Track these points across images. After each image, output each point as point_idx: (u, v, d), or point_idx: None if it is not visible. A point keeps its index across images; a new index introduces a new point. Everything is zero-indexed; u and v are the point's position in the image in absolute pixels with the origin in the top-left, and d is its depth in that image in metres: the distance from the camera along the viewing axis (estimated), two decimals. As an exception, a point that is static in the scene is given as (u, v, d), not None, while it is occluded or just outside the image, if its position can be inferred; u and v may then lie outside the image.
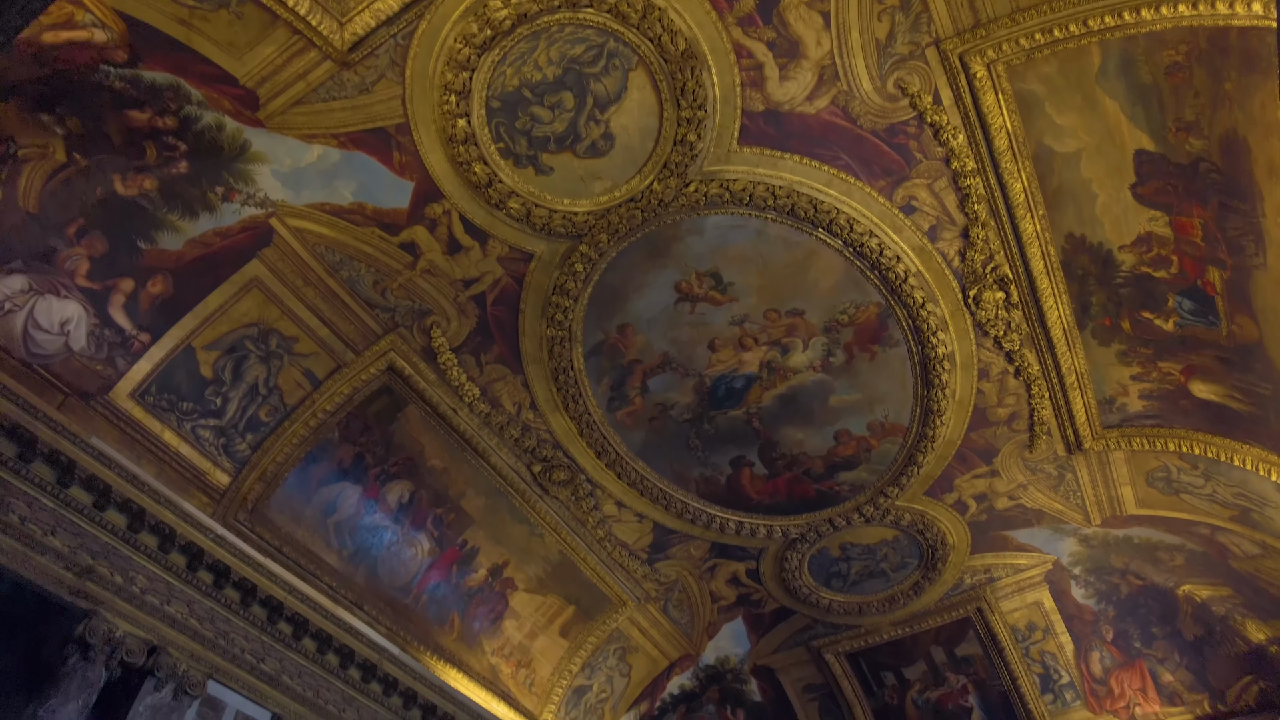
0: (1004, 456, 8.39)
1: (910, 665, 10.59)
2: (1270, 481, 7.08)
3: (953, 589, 9.94)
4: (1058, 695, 9.92)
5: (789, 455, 8.54)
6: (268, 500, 6.92)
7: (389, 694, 7.41)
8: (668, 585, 9.84)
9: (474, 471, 8.20)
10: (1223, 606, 9.00)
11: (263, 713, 6.34)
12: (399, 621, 8.00)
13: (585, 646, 9.77)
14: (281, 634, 6.62)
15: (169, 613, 5.85)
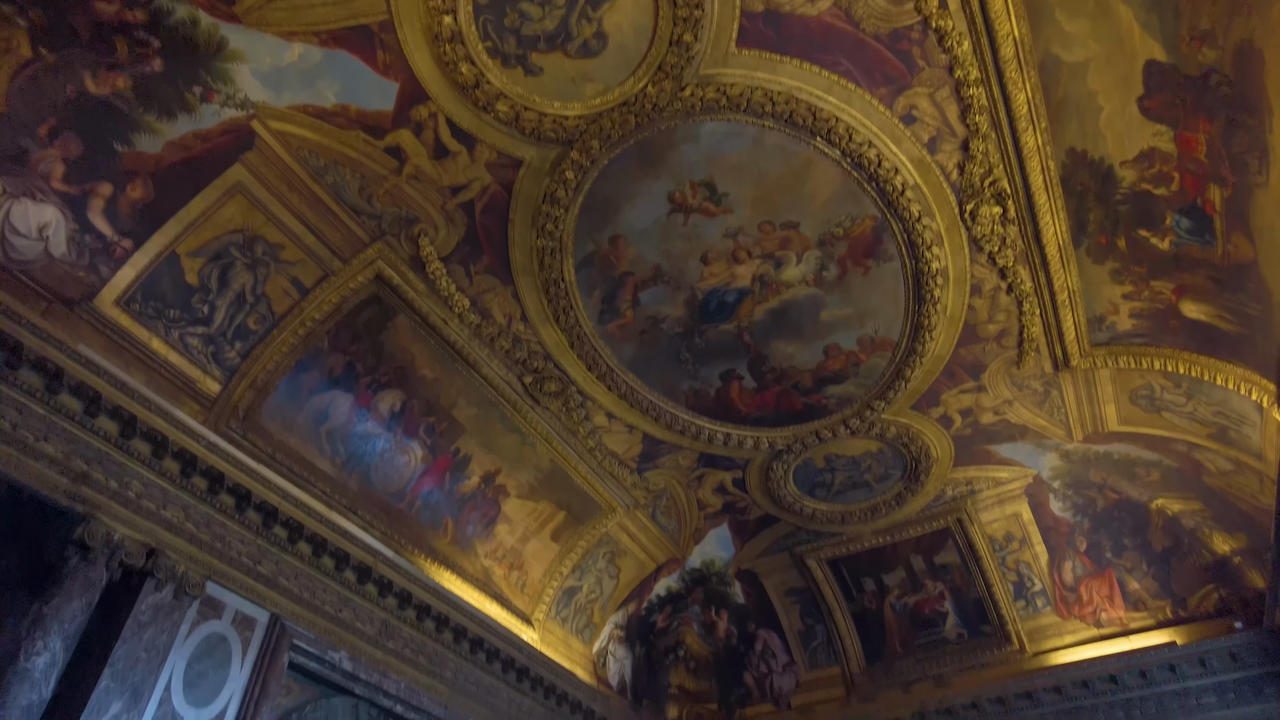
0: (991, 372, 8.47)
1: (889, 572, 10.98)
2: (1250, 401, 7.19)
3: (934, 500, 10.21)
4: (1029, 601, 10.34)
5: (778, 369, 8.60)
6: (259, 408, 6.96)
7: (384, 595, 7.64)
8: (656, 493, 10.07)
9: (465, 382, 8.24)
10: (1192, 520, 9.31)
11: (261, 612, 6.54)
12: (393, 526, 8.19)
13: (575, 550, 10.06)
14: (277, 538, 6.76)
15: (165, 517, 5.96)
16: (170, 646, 5.71)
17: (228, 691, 6.06)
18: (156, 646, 5.61)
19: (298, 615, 6.83)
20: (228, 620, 6.26)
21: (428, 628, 8.10)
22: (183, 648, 5.83)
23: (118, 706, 5.25)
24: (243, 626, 6.36)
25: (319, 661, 6.94)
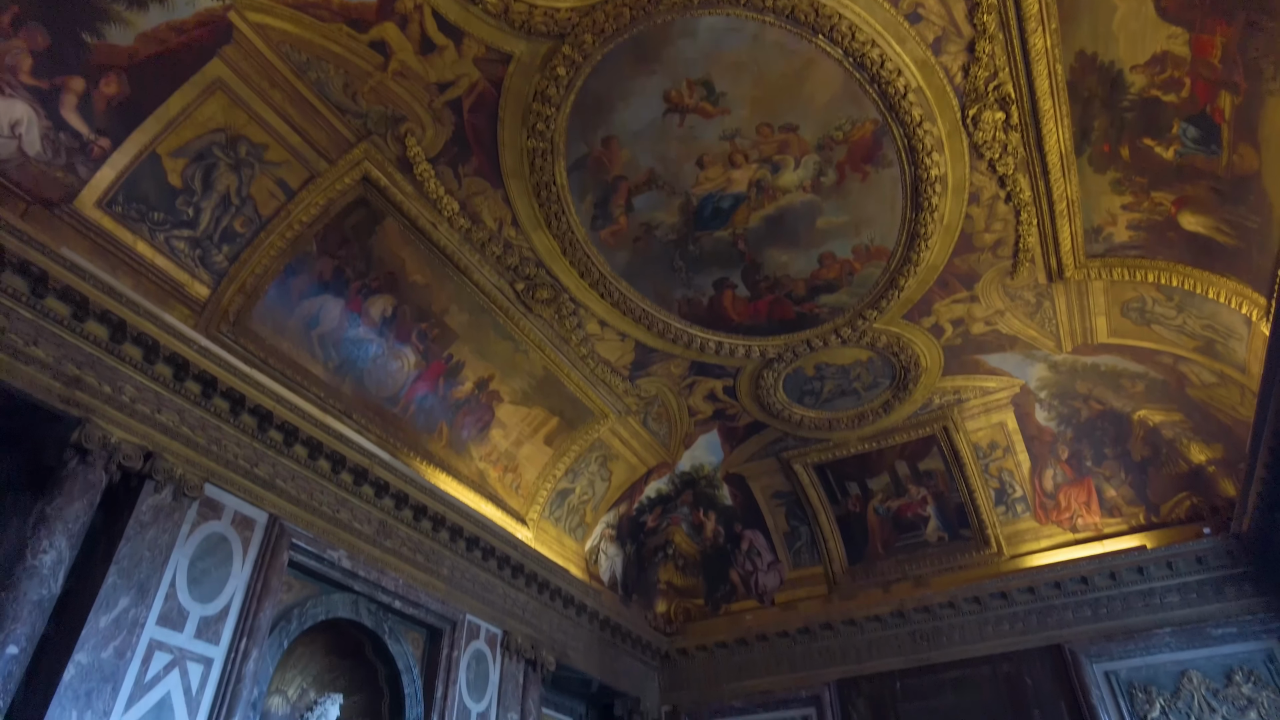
0: (985, 283, 8.45)
1: (874, 477, 11.26)
2: (1240, 314, 7.23)
3: (921, 408, 10.38)
4: (1009, 507, 10.67)
5: (772, 278, 8.55)
6: (249, 313, 6.91)
7: (381, 496, 7.81)
8: (648, 400, 10.19)
9: (457, 288, 8.18)
10: (1172, 431, 9.52)
11: (260, 513, 6.68)
12: (388, 430, 8.29)
13: (568, 454, 10.25)
14: (273, 441, 6.85)
15: (161, 421, 6.00)
16: (172, 546, 5.87)
17: (230, 588, 6.26)
18: (159, 546, 5.76)
19: (296, 516, 6.98)
20: (227, 521, 6.40)
21: (424, 527, 8.32)
22: (185, 547, 5.98)
23: (126, 601, 5.43)
24: (242, 527, 6.51)
25: (318, 560, 7.15)
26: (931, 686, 10.18)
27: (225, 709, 5.86)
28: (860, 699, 10.52)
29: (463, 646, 8.47)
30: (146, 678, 5.47)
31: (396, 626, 8.01)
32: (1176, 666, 8.88)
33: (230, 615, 6.19)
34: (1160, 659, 8.98)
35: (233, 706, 5.91)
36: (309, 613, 7.18)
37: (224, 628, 6.11)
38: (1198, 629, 8.90)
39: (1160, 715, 8.74)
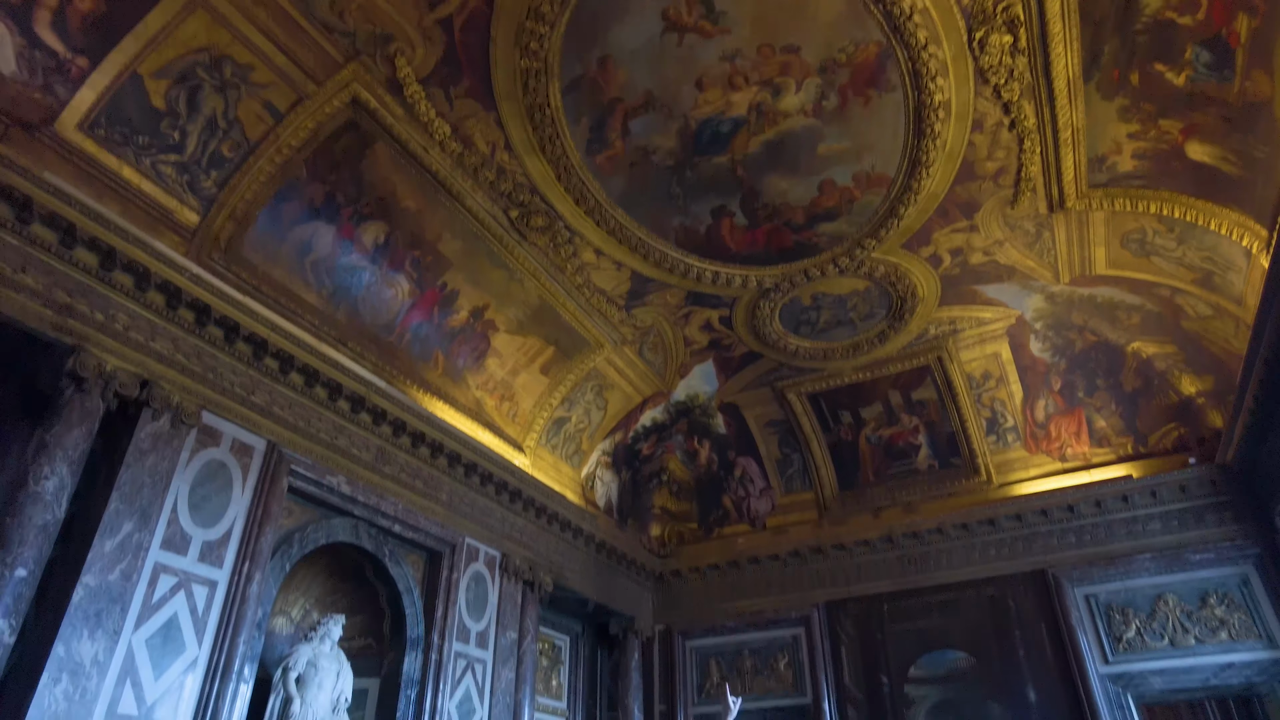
0: (985, 212, 8.35)
1: (867, 406, 11.36)
2: (1240, 246, 7.18)
3: (916, 338, 10.40)
4: (1000, 437, 10.81)
5: (771, 205, 8.43)
6: (241, 240, 6.81)
7: (378, 424, 7.87)
8: (643, 330, 10.18)
9: (449, 215, 8.05)
10: (1164, 363, 9.57)
11: (258, 440, 6.74)
12: (384, 358, 8.29)
13: (564, 383, 10.30)
14: (269, 369, 6.85)
15: (155, 349, 5.98)
16: (173, 472, 5.93)
17: (232, 513, 6.36)
18: (159, 472, 5.82)
19: (294, 443, 7.04)
20: (226, 448, 6.46)
21: (422, 454, 8.42)
22: (185, 473, 6.05)
23: (129, 526, 5.52)
24: (241, 454, 6.57)
25: (317, 485, 7.24)
26: (917, 608, 10.51)
27: (231, 629, 6.03)
28: (848, 620, 10.88)
29: (462, 568, 8.68)
30: (154, 599, 5.62)
31: (396, 549, 8.19)
32: (1154, 590, 9.17)
33: (232, 540, 6.31)
34: (1139, 583, 9.27)
35: (238, 627, 6.08)
36: (310, 537, 7.32)
37: (226, 552, 6.24)
38: (1176, 555, 9.16)
39: (1135, 636, 9.08)
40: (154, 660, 5.53)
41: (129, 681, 5.35)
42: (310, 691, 6.82)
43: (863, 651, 10.62)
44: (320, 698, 6.89)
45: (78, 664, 5.03)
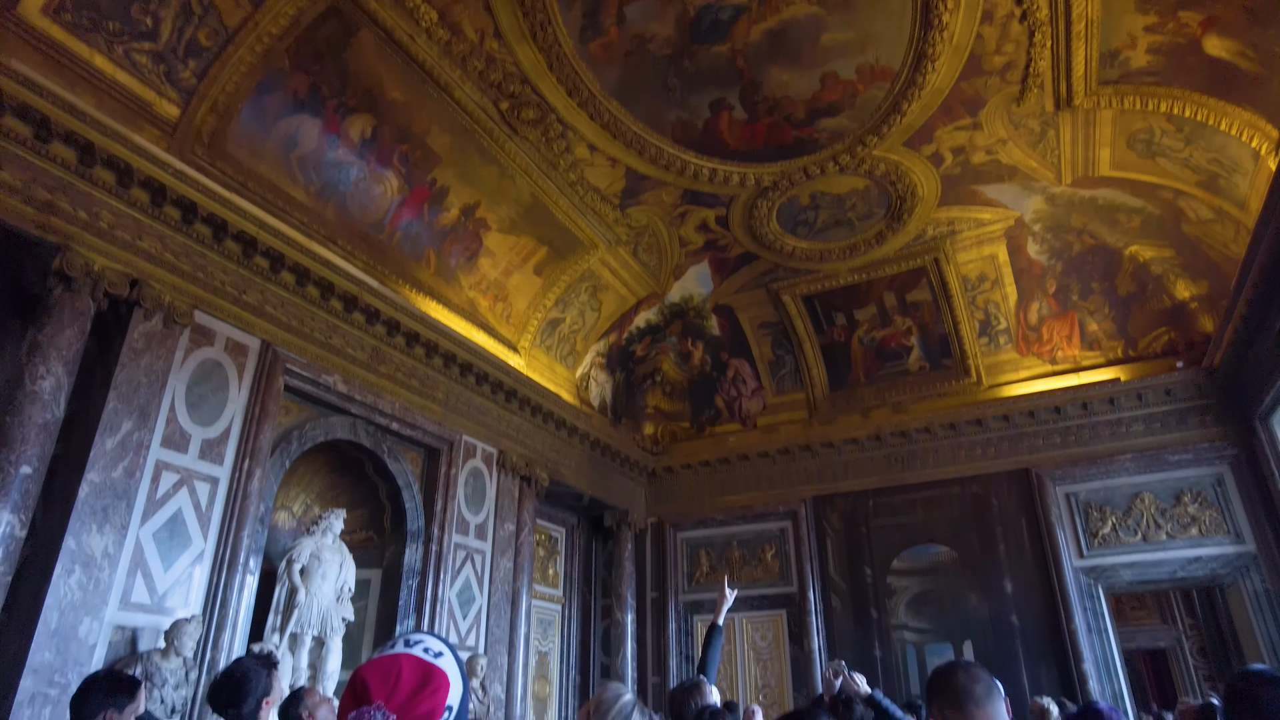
0: (990, 109, 8.12)
1: (861, 308, 11.35)
2: (1249, 148, 7.03)
3: (914, 240, 10.29)
4: (992, 339, 10.87)
5: (771, 99, 8.16)
6: (224, 134, 6.58)
7: (372, 323, 7.84)
8: (638, 230, 10.03)
9: (438, 107, 7.77)
10: (1161, 267, 9.54)
11: (252, 339, 6.72)
12: (375, 257, 8.18)
13: (558, 284, 10.23)
14: (259, 268, 6.75)
15: (143, 248, 5.87)
16: (168, 371, 5.94)
17: (229, 412, 6.42)
18: (155, 371, 5.83)
19: (288, 342, 7.03)
20: (220, 347, 6.45)
21: (417, 353, 8.43)
22: (180, 373, 6.06)
23: (129, 425, 5.57)
24: (236, 353, 6.57)
25: (314, 384, 7.29)
26: (903, 504, 10.85)
27: (234, 523, 6.20)
28: (834, 514, 11.24)
29: (460, 464, 8.86)
30: (158, 495, 5.74)
31: (395, 446, 8.33)
32: (1132, 489, 9.47)
33: (231, 437, 6.39)
34: (1118, 482, 9.56)
35: (241, 521, 6.24)
36: (308, 434, 7.43)
37: (226, 449, 6.33)
38: (1157, 455, 9.41)
39: (1111, 532, 9.44)
40: (162, 553, 5.70)
41: (140, 573, 5.53)
42: (314, 582, 7.08)
43: (847, 544, 11.03)
44: (324, 588, 7.15)
45: (89, 556, 5.18)
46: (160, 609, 5.60)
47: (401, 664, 1.29)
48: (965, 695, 1.98)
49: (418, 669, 1.29)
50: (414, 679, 1.28)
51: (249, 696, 2.82)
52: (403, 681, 1.27)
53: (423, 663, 1.30)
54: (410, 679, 1.27)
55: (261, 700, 2.86)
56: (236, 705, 2.81)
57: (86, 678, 3.13)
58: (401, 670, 1.28)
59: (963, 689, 1.99)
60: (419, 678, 1.28)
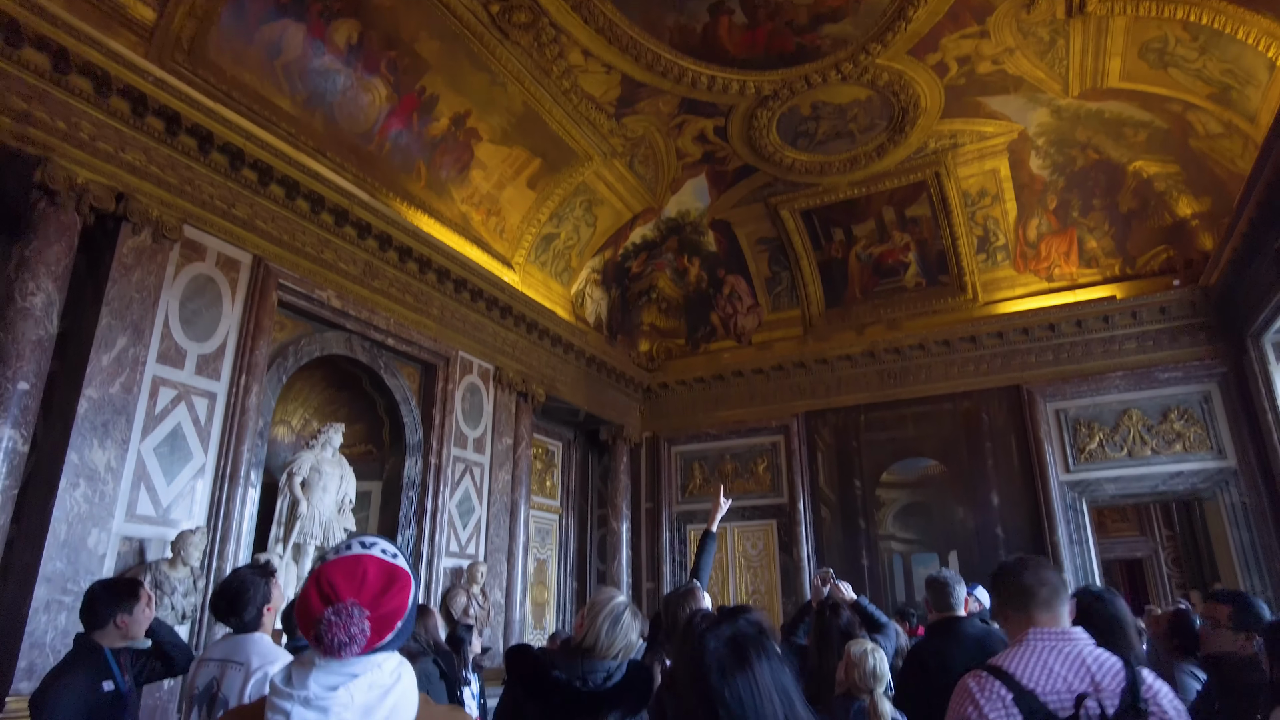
0: (998, 16, 7.82)
1: (860, 223, 11.22)
2: (1265, 58, 6.82)
3: (915, 153, 10.09)
4: (990, 255, 10.79)
5: (773, 3, 7.85)
6: (204, 40, 6.31)
7: (364, 237, 7.73)
8: (634, 141, 9.79)
9: (425, 10, 7.44)
10: (1164, 183, 9.39)
11: (243, 254, 6.63)
12: (365, 169, 8.01)
13: (552, 198, 10.05)
14: (247, 180, 6.60)
15: (126, 160, 5.71)
16: (160, 287, 5.88)
17: (224, 327, 6.40)
18: (146, 287, 5.78)
19: (280, 257, 6.95)
20: (211, 262, 6.38)
21: (410, 269, 8.36)
22: (172, 289, 6.01)
23: (123, 341, 5.56)
24: (227, 268, 6.50)
25: (307, 300, 7.24)
26: (893, 419, 11.01)
27: (234, 438, 6.26)
28: (826, 428, 11.41)
29: (457, 380, 8.92)
30: (156, 411, 5.78)
31: (391, 362, 8.36)
32: (1120, 405, 9.60)
33: (227, 353, 6.39)
34: (1107, 399, 9.68)
35: (240, 436, 6.31)
36: (304, 350, 7.43)
37: (222, 365, 6.34)
38: (1147, 373, 9.50)
39: (1097, 447, 9.62)
40: (164, 467, 5.78)
41: (143, 486, 5.62)
42: (315, 494, 7.21)
43: (838, 458, 11.24)
44: (325, 499, 7.30)
45: (93, 470, 5.25)
46: (165, 521, 5.72)
47: (366, 564, 1.33)
48: (1028, 595, 1.90)
49: (382, 569, 1.33)
50: (380, 578, 1.32)
51: (249, 605, 2.91)
52: (369, 580, 1.31)
53: (386, 563, 1.34)
54: (376, 578, 1.31)
55: (262, 608, 2.96)
56: (238, 613, 2.91)
57: (86, 591, 3.22)
58: (367, 570, 1.32)
59: (1028, 590, 1.90)
60: (384, 577, 1.32)
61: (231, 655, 2.83)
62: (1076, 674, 1.74)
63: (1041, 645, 1.81)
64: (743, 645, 1.29)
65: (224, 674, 2.78)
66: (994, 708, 1.72)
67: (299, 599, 1.32)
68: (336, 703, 1.24)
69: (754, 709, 1.21)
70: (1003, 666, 1.81)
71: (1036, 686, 1.72)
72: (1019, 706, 1.69)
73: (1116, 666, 1.75)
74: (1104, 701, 1.67)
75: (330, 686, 1.25)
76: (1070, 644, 1.81)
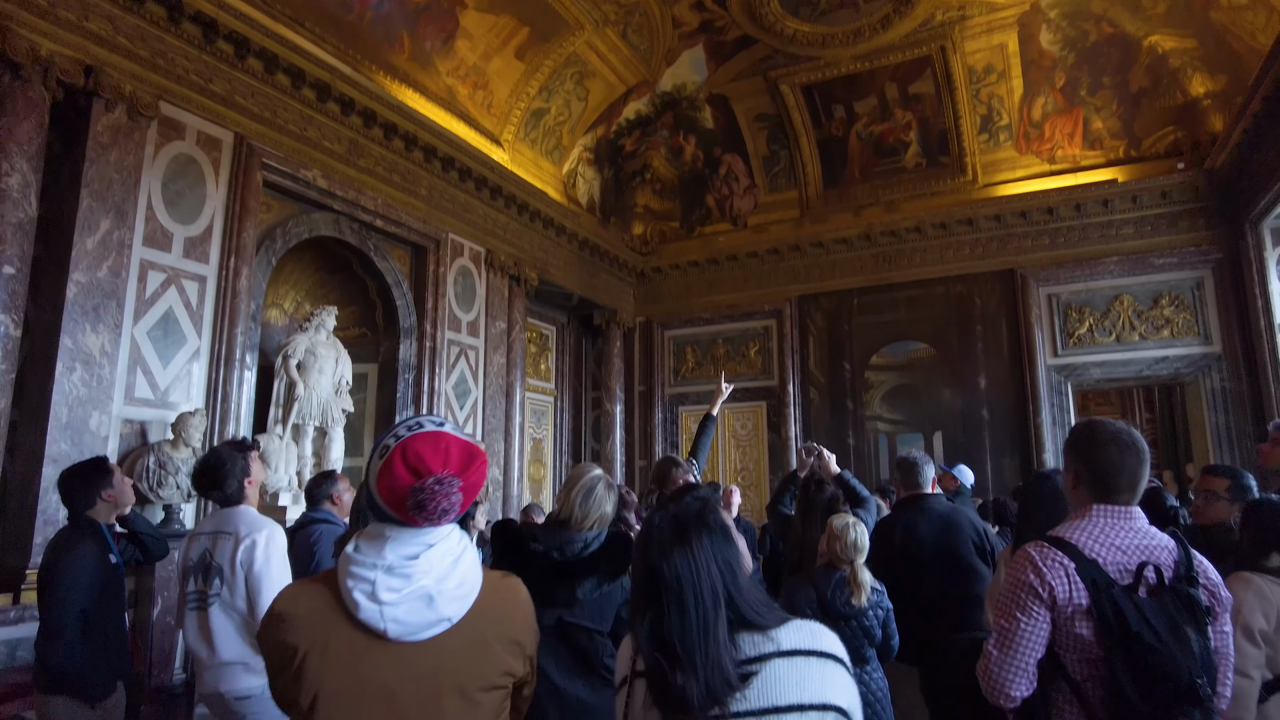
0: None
1: (861, 100, 10.83)
2: (1298, -76, 6.42)
3: (921, 25, 9.62)
4: (992, 135, 10.48)
5: None
6: (162, -107, 5.85)
7: (347, 113, 7.44)
8: (627, 8, 9.29)
9: None
10: (1179, 59, 9.01)
11: (224, 132, 6.39)
12: (346, 41, 7.61)
13: (542, 70, 9.63)
14: (224, 54, 6.28)
15: (91, 30, 5.39)
16: (140, 167, 5.71)
17: (209, 209, 6.26)
18: (125, 167, 5.60)
19: (262, 135, 6.72)
20: (191, 141, 6.16)
21: (396, 146, 8.11)
22: (153, 169, 5.83)
23: (107, 223, 5.44)
24: (209, 147, 6.29)
25: (293, 179, 7.06)
26: (886, 303, 11.03)
27: (227, 321, 6.26)
28: (818, 312, 11.45)
29: (448, 263, 8.84)
30: (147, 294, 5.74)
31: (381, 244, 8.26)
32: (1113, 291, 9.62)
33: (214, 235, 6.29)
34: (1100, 284, 9.69)
35: (233, 319, 6.30)
36: (292, 231, 7.32)
37: (210, 247, 6.25)
38: (1142, 258, 9.47)
39: (1087, 332, 9.71)
40: (159, 351, 5.80)
41: (139, 370, 5.66)
42: (311, 376, 7.28)
43: (829, 341, 11.34)
44: (322, 381, 7.37)
45: (88, 354, 5.27)
46: (164, 403, 5.80)
47: (448, 440, 1.37)
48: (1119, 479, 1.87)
49: (462, 445, 1.39)
50: (462, 454, 1.37)
51: (229, 478, 3.04)
52: (453, 455, 1.36)
53: (464, 441, 1.40)
54: (459, 454, 1.37)
55: (243, 481, 3.07)
56: (220, 487, 3.04)
57: (59, 484, 3.26)
58: (450, 446, 1.37)
59: (1125, 468, 1.87)
60: (466, 453, 1.38)
61: (221, 527, 2.98)
62: (1136, 547, 1.82)
63: (1104, 520, 1.87)
64: (684, 523, 1.32)
65: (215, 544, 2.94)
66: (1056, 575, 1.79)
67: (382, 472, 1.34)
68: (418, 570, 1.31)
69: (691, 583, 1.25)
70: (1065, 537, 1.87)
71: (1099, 557, 1.80)
72: (1081, 575, 1.77)
73: (1170, 543, 1.84)
74: (1162, 572, 1.75)
75: (410, 556, 1.32)
76: (1130, 520, 1.88)
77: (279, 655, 1.33)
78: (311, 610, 1.34)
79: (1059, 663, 1.78)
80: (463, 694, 1.35)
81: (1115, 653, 1.66)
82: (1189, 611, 1.68)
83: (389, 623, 1.28)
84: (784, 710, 1.20)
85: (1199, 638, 1.66)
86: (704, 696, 1.19)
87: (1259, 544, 2.50)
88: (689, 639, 1.21)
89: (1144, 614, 1.66)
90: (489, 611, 1.40)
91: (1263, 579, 2.43)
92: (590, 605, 2.37)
